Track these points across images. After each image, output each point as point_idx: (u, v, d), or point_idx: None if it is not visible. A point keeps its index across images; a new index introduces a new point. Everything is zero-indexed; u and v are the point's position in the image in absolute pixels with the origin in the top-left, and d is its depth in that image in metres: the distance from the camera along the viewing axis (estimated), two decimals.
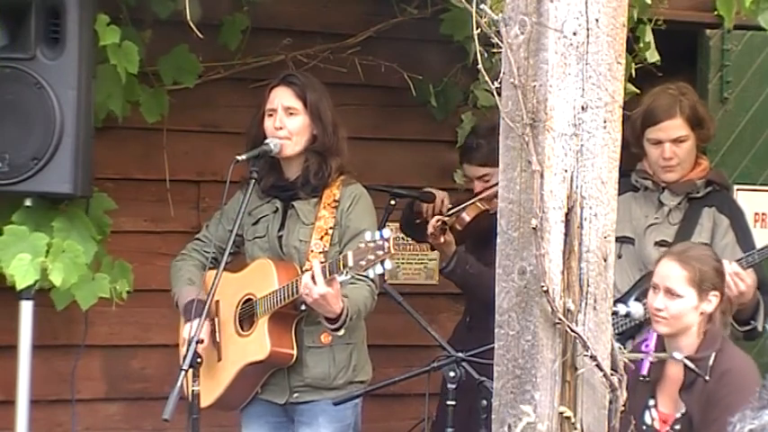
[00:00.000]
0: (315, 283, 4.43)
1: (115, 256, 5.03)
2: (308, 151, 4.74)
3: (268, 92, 4.80)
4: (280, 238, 4.75)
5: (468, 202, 5.35)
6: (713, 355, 4.33)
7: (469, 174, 5.48)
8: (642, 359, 4.40)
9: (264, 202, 4.82)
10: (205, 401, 4.67)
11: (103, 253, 4.93)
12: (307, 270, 4.52)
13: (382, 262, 4.33)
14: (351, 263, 4.37)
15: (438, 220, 5.25)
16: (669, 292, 4.36)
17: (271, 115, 4.75)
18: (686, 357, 4.33)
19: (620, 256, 4.92)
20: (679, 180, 5.00)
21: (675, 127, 4.96)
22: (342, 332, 4.63)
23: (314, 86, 4.78)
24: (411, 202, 5.51)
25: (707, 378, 4.30)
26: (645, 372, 4.41)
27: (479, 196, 5.33)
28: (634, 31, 5.27)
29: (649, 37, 5.33)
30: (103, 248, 4.95)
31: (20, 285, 4.62)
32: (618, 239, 4.87)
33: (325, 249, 4.65)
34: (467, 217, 5.33)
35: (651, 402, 4.45)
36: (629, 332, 4.81)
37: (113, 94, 5.00)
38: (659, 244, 4.91)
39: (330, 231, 4.68)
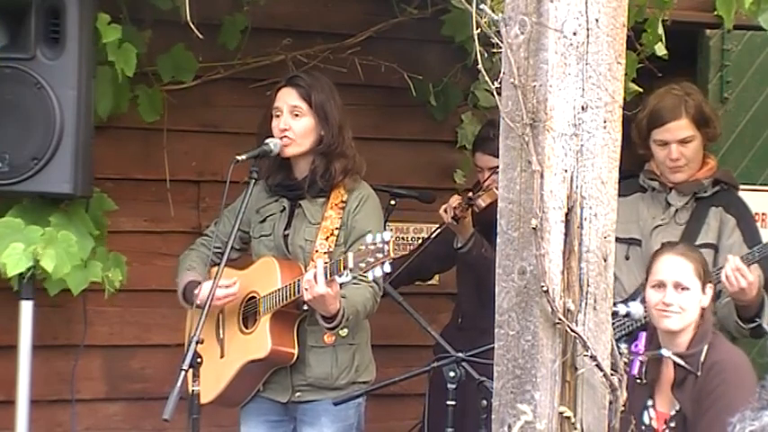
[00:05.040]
0: (316, 282, 4.44)
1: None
2: (314, 152, 4.74)
3: (275, 92, 4.80)
4: (286, 236, 4.76)
5: (485, 188, 5.33)
6: (704, 350, 4.34)
7: (481, 164, 5.47)
8: (633, 360, 4.40)
9: (272, 200, 4.82)
10: (207, 397, 4.67)
11: (99, 245, 4.91)
12: (310, 269, 4.52)
13: (382, 264, 4.34)
14: (351, 264, 4.38)
15: (461, 197, 5.24)
16: (678, 286, 4.37)
17: (278, 116, 4.75)
18: (677, 354, 4.34)
19: (627, 258, 4.92)
20: (687, 180, 5.00)
21: (681, 128, 4.95)
22: (345, 332, 4.64)
23: (321, 87, 4.77)
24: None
25: (698, 374, 4.31)
26: (635, 372, 4.40)
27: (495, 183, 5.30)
28: (640, 29, 5.27)
29: (660, 29, 5.34)
30: (101, 244, 4.94)
31: (11, 272, 4.59)
32: (626, 241, 4.89)
33: (330, 250, 4.65)
34: (482, 202, 5.30)
35: (649, 402, 4.45)
36: (636, 333, 4.79)
37: (106, 94, 5.00)
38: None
39: (336, 232, 4.69)
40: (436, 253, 5.51)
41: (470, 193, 5.28)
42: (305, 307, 4.61)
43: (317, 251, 4.66)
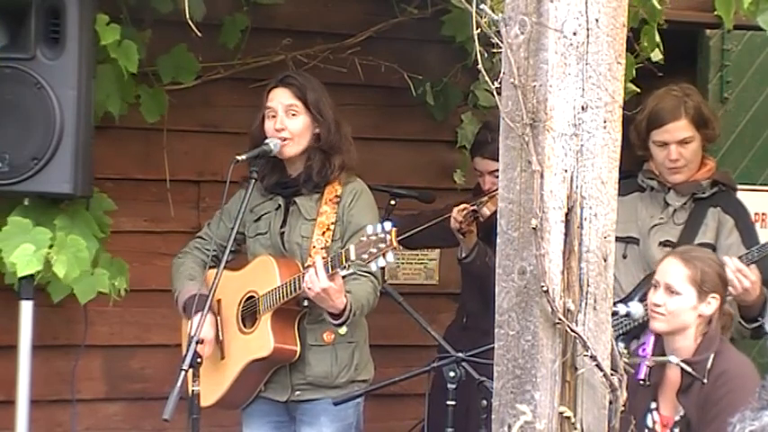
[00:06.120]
0: (317, 277, 4.43)
1: (115, 255, 5.02)
2: (311, 149, 4.74)
3: (267, 93, 4.80)
4: (282, 234, 4.76)
5: (488, 196, 5.31)
6: (711, 357, 4.33)
7: (480, 168, 5.47)
8: (639, 363, 4.39)
9: (267, 199, 4.82)
10: (209, 400, 4.67)
11: (102, 250, 4.92)
12: (309, 266, 4.52)
13: (384, 254, 4.34)
14: (353, 256, 4.38)
15: (465, 209, 5.23)
16: (669, 289, 4.37)
17: (273, 116, 4.75)
18: (684, 360, 4.33)
19: (625, 257, 4.92)
20: (686, 181, 5.00)
21: (681, 128, 4.96)
22: (344, 329, 4.64)
23: (312, 85, 4.79)
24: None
25: (704, 381, 4.30)
26: (641, 376, 4.39)
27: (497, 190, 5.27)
28: (638, 31, 5.27)
29: (656, 38, 5.33)
30: (103, 247, 4.94)
31: (20, 273, 4.58)
32: (623, 240, 4.89)
33: (327, 245, 4.66)
34: (487, 210, 5.29)
35: (653, 405, 4.45)
36: (634, 332, 4.80)
37: (111, 93, 5.00)
38: (664, 244, 4.92)
39: (332, 227, 4.69)
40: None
41: (474, 206, 5.26)
42: (305, 303, 4.61)
43: (313, 247, 4.66)
